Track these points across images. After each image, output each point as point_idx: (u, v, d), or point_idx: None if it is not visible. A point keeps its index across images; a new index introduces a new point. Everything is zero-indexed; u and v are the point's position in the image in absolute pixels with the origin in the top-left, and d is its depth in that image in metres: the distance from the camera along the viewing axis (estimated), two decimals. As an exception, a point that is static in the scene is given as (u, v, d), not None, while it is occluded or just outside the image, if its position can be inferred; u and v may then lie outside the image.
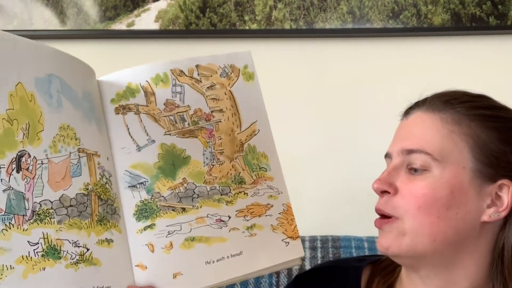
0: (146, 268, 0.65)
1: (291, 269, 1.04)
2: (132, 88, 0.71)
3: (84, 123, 0.65)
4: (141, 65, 0.73)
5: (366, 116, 1.24)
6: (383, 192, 0.66)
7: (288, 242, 0.71)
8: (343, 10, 1.22)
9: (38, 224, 0.57)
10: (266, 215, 0.72)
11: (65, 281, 0.57)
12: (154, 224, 0.67)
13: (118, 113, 0.70)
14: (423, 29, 1.20)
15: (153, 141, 0.70)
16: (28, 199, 0.57)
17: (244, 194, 0.71)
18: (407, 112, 0.71)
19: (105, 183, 0.65)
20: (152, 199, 0.68)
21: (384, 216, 0.66)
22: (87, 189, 0.63)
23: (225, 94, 0.74)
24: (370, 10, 1.22)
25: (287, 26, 1.23)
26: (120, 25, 1.26)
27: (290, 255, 0.71)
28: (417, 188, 0.63)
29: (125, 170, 0.69)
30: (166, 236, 0.67)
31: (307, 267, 1.04)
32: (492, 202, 0.63)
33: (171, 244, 0.67)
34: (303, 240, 1.09)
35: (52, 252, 0.57)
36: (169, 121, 0.71)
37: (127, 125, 0.70)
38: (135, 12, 1.27)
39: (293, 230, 0.72)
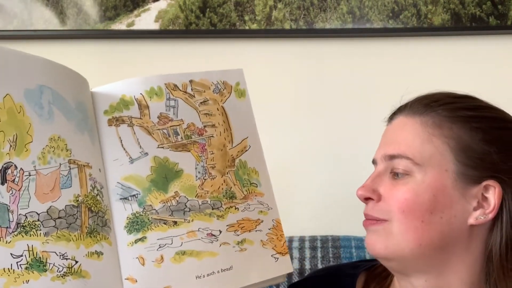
0: (136, 281, 0.66)
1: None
2: (126, 100, 0.72)
3: (77, 134, 0.66)
4: (134, 77, 0.73)
5: (366, 115, 1.24)
6: (366, 199, 0.67)
7: (277, 258, 0.72)
8: (343, 10, 1.22)
9: (22, 236, 0.57)
10: (256, 230, 0.73)
11: None
12: (145, 237, 0.68)
13: (111, 125, 0.71)
14: (423, 29, 1.20)
15: (146, 153, 0.71)
16: (12, 211, 0.57)
17: (235, 209, 0.72)
18: (391, 117, 0.71)
19: (96, 195, 0.66)
20: (144, 212, 0.69)
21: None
22: (77, 200, 0.63)
23: (218, 109, 0.75)
24: (370, 10, 1.22)
25: (287, 26, 1.23)
26: (120, 25, 1.27)
27: (279, 271, 0.72)
28: (399, 193, 0.63)
29: (117, 182, 0.69)
30: (157, 250, 0.68)
31: (307, 266, 1.05)
32: (478, 204, 0.63)
33: (162, 257, 0.68)
34: (303, 240, 1.10)
35: (37, 264, 0.57)
36: (162, 134, 0.72)
37: (120, 137, 0.71)
38: (135, 12, 1.27)
39: (282, 246, 0.73)
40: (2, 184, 0.57)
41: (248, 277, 0.70)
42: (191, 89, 0.74)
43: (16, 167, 0.58)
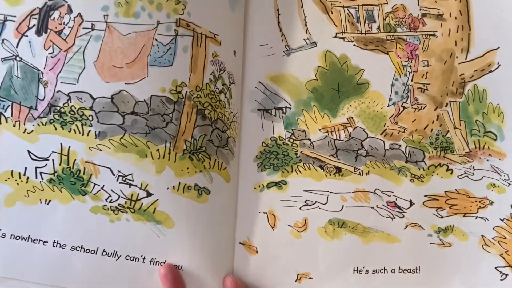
0: (257, 252, 0.39)
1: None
2: None
3: None
4: None
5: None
6: None
7: (507, 275, 0.40)
8: None
9: (55, 129, 0.35)
10: (477, 217, 0.41)
11: (84, 232, 0.36)
12: (285, 182, 0.40)
13: None
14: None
15: (314, 43, 0.41)
16: (46, 83, 0.35)
17: (447, 170, 0.41)
18: None
19: (220, 92, 0.38)
20: (292, 140, 0.40)
21: None
22: (179, 92, 0.36)
23: None
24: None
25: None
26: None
27: (503, 297, 0.40)
28: None
29: (259, 82, 0.41)
30: (300, 208, 0.40)
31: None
32: None
33: (306, 223, 0.40)
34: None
35: (71, 180, 0.35)
36: (347, 17, 0.41)
37: (277, 9, 0.42)
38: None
39: (520, 256, 0.40)
40: (39, 33, 0.35)
41: (444, 293, 0.40)
42: None
43: (70, 10, 0.35)
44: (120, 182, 0.35)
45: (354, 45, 0.41)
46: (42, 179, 0.35)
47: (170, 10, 0.37)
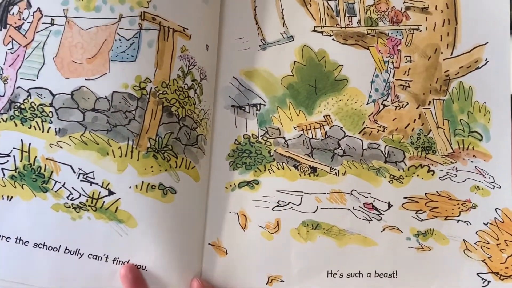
0: (226, 253, 0.38)
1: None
2: None
3: None
4: None
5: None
6: None
7: (488, 282, 0.38)
8: None
9: (15, 125, 0.35)
10: (459, 221, 0.39)
11: (46, 229, 0.35)
12: (257, 182, 0.39)
13: None
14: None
15: (291, 37, 0.40)
16: (6, 79, 0.35)
17: (429, 171, 0.39)
18: None
19: (189, 88, 0.37)
20: (266, 139, 0.39)
21: None
22: (143, 88, 0.35)
23: None
24: None
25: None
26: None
27: (484, 305, 0.38)
28: None
29: (233, 77, 0.40)
30: (272, 209, 0.38)
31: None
32: None
33: (278, 224, 0.39)
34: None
35: (33, 177, 0.35)
36: (326, 9, 0.40)
37: (254, 1, 0.40)
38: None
39: (504, 262, 0.38)
40: None
41: (422, 299, 0.38)
42: None
43: (29, 5, 0.35)
44: (81, 180, 0.35)
45: (333, 39, 0.40)
46: (4, 175, 0.35)
47: (133, 3, 0.35)
